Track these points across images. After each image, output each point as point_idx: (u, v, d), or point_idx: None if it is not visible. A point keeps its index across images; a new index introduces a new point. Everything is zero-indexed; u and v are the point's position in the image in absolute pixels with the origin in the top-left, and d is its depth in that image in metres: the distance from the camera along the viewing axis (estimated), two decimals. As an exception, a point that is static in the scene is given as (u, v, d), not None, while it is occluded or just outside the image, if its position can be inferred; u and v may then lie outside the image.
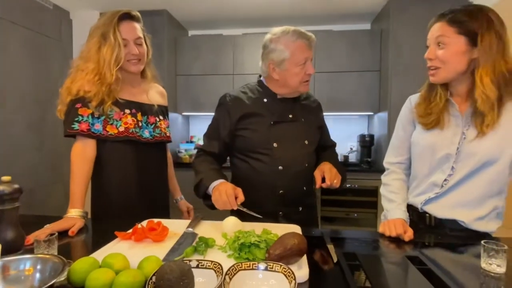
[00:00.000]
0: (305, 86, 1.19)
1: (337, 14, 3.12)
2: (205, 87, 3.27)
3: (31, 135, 2.51)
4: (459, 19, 0.93)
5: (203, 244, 0.79)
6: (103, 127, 1.16)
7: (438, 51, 0.95)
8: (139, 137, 1.21)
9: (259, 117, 1.19)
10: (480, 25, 0.91)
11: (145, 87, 1.31)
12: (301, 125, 1.23)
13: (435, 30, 0.97)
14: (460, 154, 0.98)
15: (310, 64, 1.17)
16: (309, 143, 1.23)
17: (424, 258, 0.79)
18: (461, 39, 0.92)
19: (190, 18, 3.28)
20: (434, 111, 1.02)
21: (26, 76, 2.48)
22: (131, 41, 1.17)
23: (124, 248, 0.81)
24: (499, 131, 0.93)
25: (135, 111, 1.22)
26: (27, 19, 2.48)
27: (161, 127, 1.30)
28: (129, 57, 1.17)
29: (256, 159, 1.20)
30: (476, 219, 0.98)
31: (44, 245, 0.77)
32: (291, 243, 0.70)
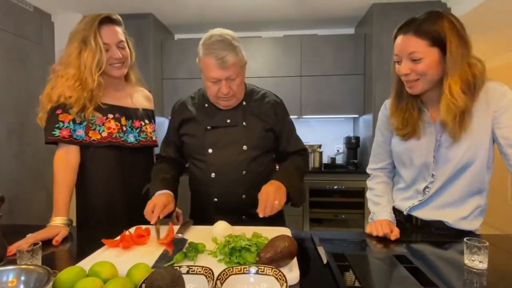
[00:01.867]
0: (223, 101, 1.13)
1: (321, 19, 3.18)
2: (191, 91, 3.19)
3: (11, 142, 2.42)
4: (426, 30, 0.91)
5: (193, 249, 0.79)
6: (86, 133, 1.13)
7: (413, 65, 0.94)
8: (123, 142, 1.19)
9: (196, 122, 1.18)
10: (446, 33, 0.90)
11: (130, 91, 1.29)
12: (240, 130, 1.15)
13: (405, 45, 0.94)
14: (438, 161, 1.00)
15: (224, 85, 1.07)
16: (250, 148, 1.14)
17: (411, 257, 0.81)
18: (434, 50, 0.92)
19: (176, 21, 3.26)
20: (409, 122, 1.02)
21: (5, 81, 2.39)
22: (113, 45, 1.15)
23: (111, 256, 0.80)
24: (473, 134, 0.95)
25: (118, 115, 1.20)
26: (6, 21, 2.41)
27: (147, 131, 1.28)
28: (112, 61, 1.15)
29: (194, 165, 1.20)
30: (460, 219, 1.01)
31: (28, 255, 0.75)
32: (281, 246, 0.71)
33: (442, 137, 0.99)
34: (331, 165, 3.16)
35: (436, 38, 0.91)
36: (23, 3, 2.59)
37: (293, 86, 3.11)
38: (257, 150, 1.16)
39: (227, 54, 1.03)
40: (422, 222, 1.05)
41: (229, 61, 1.04)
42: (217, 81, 1.07)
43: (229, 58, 1.03)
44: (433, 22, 0.91)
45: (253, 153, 1.15)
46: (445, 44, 0.90)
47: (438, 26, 0.91)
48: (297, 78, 3.12)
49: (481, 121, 0.95)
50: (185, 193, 1.28)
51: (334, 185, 2.90)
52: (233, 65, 1.05)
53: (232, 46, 1.05)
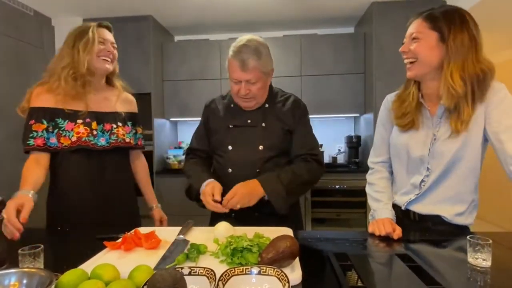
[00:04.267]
0: (242, 102, 1.20)
1: (321, 18, 3.18)
2: (192, 92, 3.25)
3: (12, 146, 2.42)
4: (434, 16, 0.97)
5: (194, 250, 0.79)
6: (58, 139, 1.19)
7: (411, 45, 0.99)
8: (93, 145, 1.23)
9: (221, 120, 1.26)
10: (454, 24, 0.94)
11: (107, 95, 1.33)
12: (259, 130, 1.21)
13: (411, 27, 1.01)
14: (433, 155, 1.02)
15: (243, 86, 1.13)
16: (265, 148, 1.19)
17: (413, 255, 0.81)
18: (433, 34, 0.96)
19: (176, 23, 3.27)
20: (408, 110, 1.05)
21: (6, 85, 2.40)
22: (109, 42, 1.25)
23: (113, 258, 0.80)
24: (469, 129, 0.96)
25: (89, 120, 1.24)
26: (7, 26, 2.42)
27: (118, 133, 1.30)
28: (104, 53, 1.23)
29: (215, 160, 1.28)
30: (456, 214, 1.02)
31: (30, 258, 0.75)
32: (283, 246, 0.71)
33: (439, 131, 1.01)
34: (333, 165, 3.16)
35: (439, 24, 0.95)
36: (24, 8, 2.60)
37: (293, 86, 3.11)
38: (273, 151, 1.20)
39: (248, 58, 1.10)
40: (420, 217, 1.06)
41: (249, 64, 1.11)
42: (237, 82, 1.15)
43: (250, 62, 1.11)
44: (445, 13, 0.96)
45: (268, 154, 1.19)
46: (448, 33, 0.94)
47: (447, 16, 0.95)
48: (297, 78, 3.12)
49: (477, 116, 0.96)
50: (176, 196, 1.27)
51: (336, 184, 2.89)
52: (253, 69, 1.11)
53: (257, 52, 1.12)
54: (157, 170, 3.08)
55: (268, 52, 1.17)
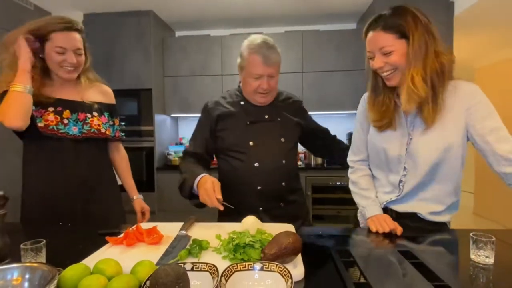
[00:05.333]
0: (260, 98, 1.25)
1: (323, 14, 3.16)
2: (193, 88, 3.24)
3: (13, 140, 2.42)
4: (393, 24, 0.95)
5: (197, 246, 0.79)
6: None
7: (386, 58, 0.97)
8: (62, 134, 1.20)
9: (235, 118, 1.27)
10: (410, 25, 0.94)
11: (81, 88, 1.30)
12: (277, 124, 1.29)
13: (375, 42, 0.98)
14: (410, 154, 1.01)
15: (265, 81, 1.20)
16: (286, 140, 1.28)
17: (415, 252, 0.81)
18: (402, 42, 0.95)
19: (177, 18, 3.25)
20: (386, 115, 1.04)
21: (7, 80, 2.39)
22: (70, 50, 1.19)
23: (116, 253, 0.80)
24: (444, 129, 0.97)
25: (61, 108, 1.21)
26: (7, 20, 2.40)
27: (92, 123, 1.26)
28: (65, 64, 1.19)
29: (235, 158, 1.27)
30: (432, 213, 1.03)
31: (32, 253, 0.75)
32: (286, 242, 0.71)
33: (413, 131, 1.02)
34: (334, 162, 3.15)
35: (402, 31, 0.95)
36: (24, 2, 2.58)
37: (295, 83, 3.10)
38: (291, 142, 1.31)
39: (271, 54, 1.19)
40: (397, 214, 1.07)
41: (273, 59, 1.19)
42: (259, 77, 1.20)
43: (273, 57, 1.19)
44: (398, 17, 0.95)
45: (289, 145, 1.29)
46: (411, 35, 0.94)
47: (402, 20, 0.95)
48: (299, 74, 3.11)
49: (454, 117, 0.96)
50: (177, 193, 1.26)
51: (337, 181, 2.90)
52: (275, 63, 1.20)
53: (275, 48, 1.22)
54: (158, 166, 3.08)
55: None
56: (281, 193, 1.26)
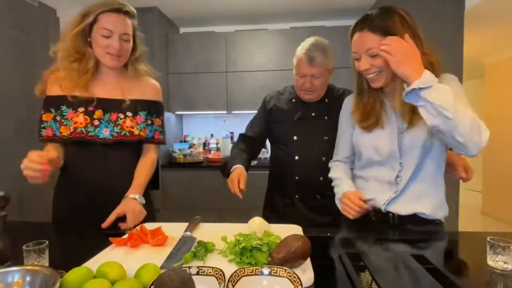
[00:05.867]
0: (304, 94, 1.36)
1: (329, 10, 3.10)
2: (198, 86, 3.22)
3: (19, 138, 2.42)
4: (379, 25, 0.94)
5: (202, 249, 0.76)
6: (59, 128, 1.12)
7: (372, 60, 0.96)
8: (92, 137, 1.10)
9: (285, 113, 1.41)
10: (397, 26, 0.93)
11: (119, 79, 1.19)
12: (322, 122, 1.37)
13: (361, 43, 0.97)
14: (403, 148, 1.01)
15: (308, 80, 1.29)
16: (329, 139, 1.32)
17: (429, 256, 0.78)
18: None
19: (181, 15, 3.22)
20: (372, 114, 1.05)
21: (11, 77, 2.39)
22: (116, 34, 1.08)
23: (119, 255, 0.78)
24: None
25: (92, 108, 1.11)
26: (12, 17, 2.39)
27: (124, 125, 1.14)
28: (110, 49, 1.08)
29: (280, 149, 1.43)
30: (435, 206, 1.02)
31: (34, 254, 0.73)
32: (294, 246, 0.68)
33: (403, 124, 1.01)
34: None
35: (389, 32, 0.93)
36: (28, -2, 2.57)
37: (300, 80, 3.06)
38: (334, 141, 1.28)
39: (318, 55, 1.25)
40: (399, 219, 1.03)
41: (317, 60, 1.26)
42: (303, 76, 1.30)
43: (318, 59, 1.26)
44: (385, 18, 0.94)
45: (331, 143, 1.29)
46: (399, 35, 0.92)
47: (390, 21, 0.94)
48: (304, 71, 3.07)
49: None
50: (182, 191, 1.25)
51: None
52: (320, 65, 1.27)
53: (323, 50, 1.27)
54: (163, 163, 3.07)
55: (332, 53, 1.31)
56: (318, 187, 1.35)
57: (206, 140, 3.49)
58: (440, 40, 2.56)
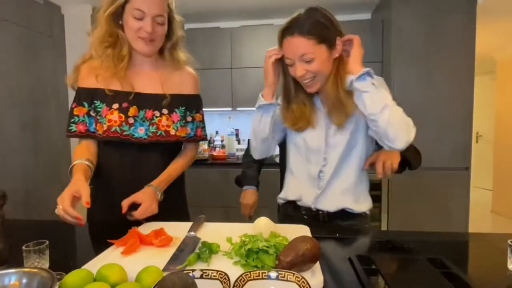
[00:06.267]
0: None
1: (336, 4, 3.03)
2: (202, 82, 3.15)
3: (25, 135, 2.43)
4: (312, 28, 0.91)
5: (206, 250, 0.73)
6: (95, 125, 1.03)
7: (307, 66, 0.94)
8: (126, 137, 1.01)
9: None
10: (329, 28, 0.93)
11: (155, 72, 1.08)
12: None
13: (295, 48, 0.93)
14: (329, 145, 1.05)
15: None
16: None
17: (446, 260, 0.74)
18: (322, 47, 0.93)
19: (186, 10, 3.18)
20: (302, 118, 1.05)
21: (17, 74, 2.39)
22: (149, 16, 0.95)
23: (120, 257, 0.75)
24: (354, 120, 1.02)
25: (127, 104, 1.01)
26: (17, 14, 2.39)
27: (159, 124, 1.04)
28: (141, 33, 0.96)
29: None
30: (359, 202, 1.08)
31: (34, 255, 0.71)
32: (303, 249, 0.65)
33: (331, 122, 1.04)
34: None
35: (322, 35, 0.92)
36: (33, -5, 2.56)
37: (306, 76, 3.01)
38: None
39: None
40: (330, 215, 1.08)
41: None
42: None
43: None
44: (314, 20, 0.92)
45: None
46: (330, 39, 0.93)
47: (321, 23, 0.92)
48: (310, 67, 3.02)
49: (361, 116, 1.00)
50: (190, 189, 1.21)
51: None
52: None
53: None
54: (168, 161, 3.05)
55: None
56: None
57: (211, 137, 3.47)
58: (451, 34, 2.49)
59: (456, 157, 2.55)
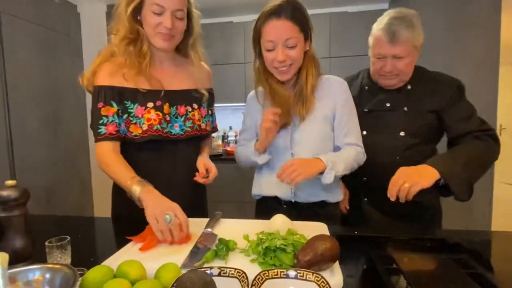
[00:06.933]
0: (384, 80, 1.13)
1: (352, -6, 2.95)
2: (216, 78, 3.14)
3: (45, 132, 2.50)
4: (297, 15, 0.94)
5: (223, 247, 0.73)
6: (127, 127, 0.98)
7: (288, 51, 0.95)
8: (166, 134, 1.00)
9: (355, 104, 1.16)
10: (309, 20, 0.98)
11: (178, 67, 1.07)
12: (399, 115, 1.12)
13: (281, 31, 0.94)
14: (295, 142, 1.06)
15: (389, 62, 1.07)
16: (408, 135, 1.10)
17: (471, 260, 0.71)
18: (301, 36, 0.96)
19: (200, 5, 3.17)
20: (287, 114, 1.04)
21: (36, 72, 2.45)
22: (168, 11, 0.93)
23: (139, 253, 0.76)
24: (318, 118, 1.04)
25: (160, 102, 0.99)
26: (35, 14, 2.45)
27: (194, 118, 1.06)
28: (161, 29, 0.94)
29: None
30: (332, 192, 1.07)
31: (57, 250, 0.73)
32: (322, 248, 0.63)
33: (295, 120, 1.05)
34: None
35: (303, 24, 0.96)
36: (50, -5, 2.61)
37: (322, 68, 2.94)
38: (416, 138, 1.11)
39: (400, 30, 1.02)
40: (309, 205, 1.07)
41: (401, 36, 1.02)
42: (382, 58, 1.08)
43: (402, 34, 1.02)
44: (299, 9, 0.95)
45: (411, 141, 1.11)
46: (307, 31, 0.97)
47: (302, 14, 0.96)
48: (326, 60, 2.95)
49: (325, 108, 1.04)
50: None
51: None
52: (404, 42, 1.03)
53: (410, 23, 1.03)
54: (182, 156, 3.09)
55: (420, 24, 1.06)
56: None
57: (224, 133, 3.48)
58: (474, 22, 2.37)
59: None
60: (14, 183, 0.65)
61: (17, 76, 2.27)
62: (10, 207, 0.64)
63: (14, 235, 0.66)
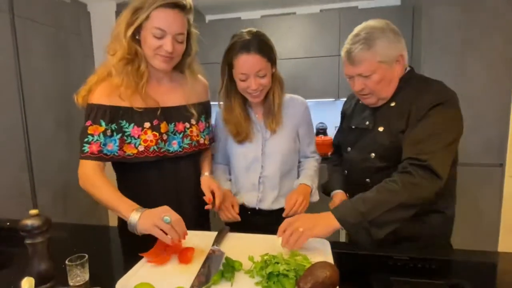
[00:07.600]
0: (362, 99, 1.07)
1: (363, -10, 2.88)
2: (224, 75, 3.19)
3: (59, 133, 2.58)
4: (263, 48, 1.07)
5: (230, 268, 0.78)
6: (119, 147, 0.98)
7: (260, 80, 1.08)
8: (164, 153, 1.02)
9: (348, 118, 1.23)
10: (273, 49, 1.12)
11: (174, 83, 1.09)
12: (373, 135, 1.04)
13: (253, 65, 1.06)
14: (265, 154, 1.20)
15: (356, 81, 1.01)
16: (377, 157, 1.03)
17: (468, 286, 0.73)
18: (269, 65, 1.10)
19: (206, 1, 3.15)
20: (242, 130, 1.18)
21: (49, 73, 2.50)
22: (169, 35, 0.94)
23: (149, 272, 0.81)
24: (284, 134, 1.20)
25: (157, 121, 1.01)
26: (46, 15, 2.48)
27: (192, 135, 1.08)
28: (161, 51, 0.95)
29: (339, 158, 1.31)
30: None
31: (76, 269, 0.78)
32: (322, 276, 0.67)
33: (266, 132, 1.20)
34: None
35: (270, 55, 1.09)
36: (61, -5, 2.64)
37: (330, 67, 2.92)
38: (383, 161, 1.02)
39: (354, 50, 0.97)
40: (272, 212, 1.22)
41: (356, 57, 0.97)
42: (350, 78, 1.04)
43: (356, 54, 0.97)
44: (264, 41, 1.09)
45: (379, 164, 1.02)
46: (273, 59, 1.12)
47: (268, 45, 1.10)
48: (335, 58, 2.92)
49: (290, 124, 1.21)
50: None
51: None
52: (363, 61, 0.96)
53: (366, 41, 0.95)
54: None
55: (391, 35, 0.98)
56: None
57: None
58: (489, 20, 2.29)
59: (490, 153, 2.42)
60: (37, 212, 0.70)
61: (32, 78, 2.33)
62: (34, 235, 0.69)
63: (39, 261, 0.71)
